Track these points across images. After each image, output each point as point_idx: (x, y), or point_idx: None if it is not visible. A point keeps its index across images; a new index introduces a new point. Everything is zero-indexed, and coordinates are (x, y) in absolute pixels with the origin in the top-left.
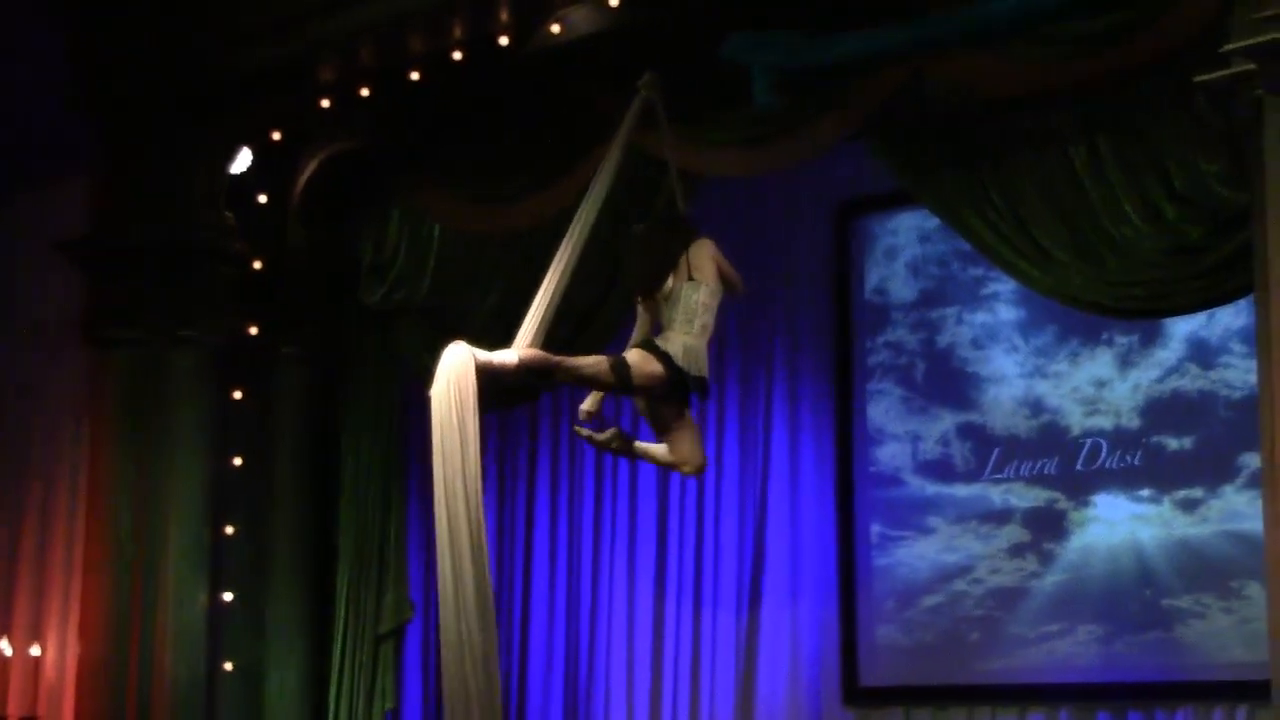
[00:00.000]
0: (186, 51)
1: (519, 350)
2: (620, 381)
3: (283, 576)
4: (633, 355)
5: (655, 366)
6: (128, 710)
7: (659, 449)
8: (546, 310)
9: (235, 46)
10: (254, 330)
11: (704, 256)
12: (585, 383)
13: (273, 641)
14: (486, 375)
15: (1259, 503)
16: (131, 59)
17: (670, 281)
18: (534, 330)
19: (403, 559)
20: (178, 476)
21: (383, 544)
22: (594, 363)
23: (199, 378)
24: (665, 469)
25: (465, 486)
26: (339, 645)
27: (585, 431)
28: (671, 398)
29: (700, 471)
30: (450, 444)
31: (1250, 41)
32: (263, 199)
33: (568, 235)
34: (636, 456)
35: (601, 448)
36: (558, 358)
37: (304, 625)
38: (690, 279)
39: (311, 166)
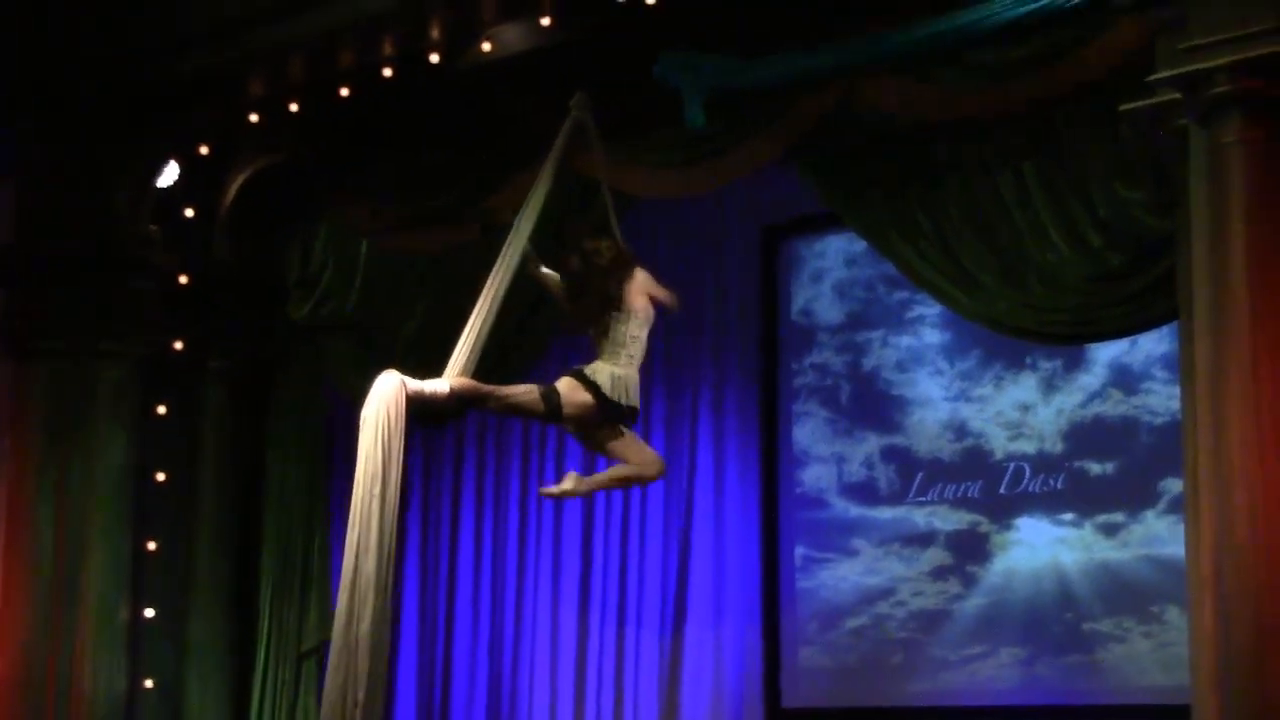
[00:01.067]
0: (114, 63)
1: (450, 379)
2: (551, 411)
3: (205, 593)
4: (563, 385)
5: (584, 396)
6: None
7: (618, 471)
8: (478, 337)
9: (164, 59)
10: (179, 344)
11: (635, 288)
12: (516, 411)
13: (194, 658)
14: (417, 404)
15: (1180, 528)
16: (59, 68)
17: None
18: (465, 357)
19: (326, 576)
20: (100, 491)
21: (306, 561)
22: (525, 391)
23: (122, 391)
24: (628, 488)
25: (383, 515)
26: (261, 662)
27: (551, 490)
28: (603, 425)
29: (664, 471)
30: (373, 469)
31: (1175, 71)
32: (189, 212)
33: (498, 260)
34: (600, 488)
35: (569, 496)
36: (490, 387)
37: (226, 642)
38: (619, 310)
39: (239, 180)
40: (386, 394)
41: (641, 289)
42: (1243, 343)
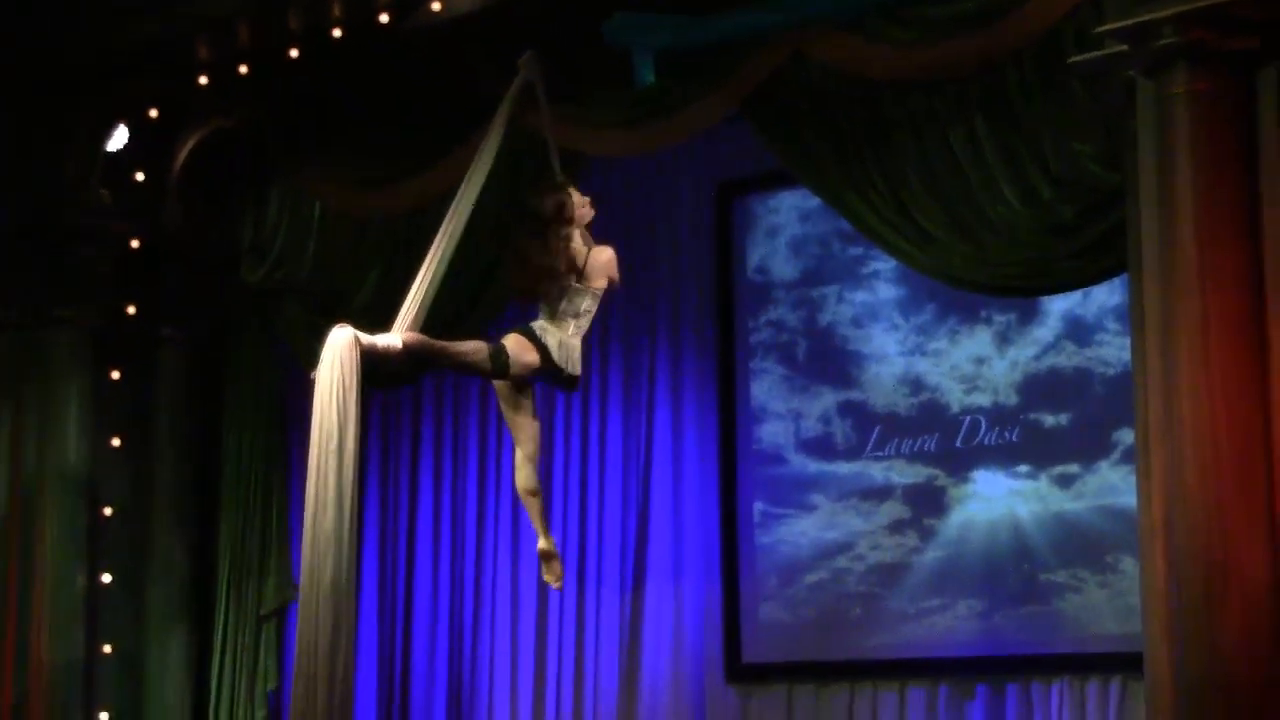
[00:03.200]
0: (62, 25)
1: (403, 334)
2: (498, 369)
3: (163, 558)
4: (511, 343)
5: (532, 356)
6: (3, 694)
7: (525, 468)
8: (426, 293)
9: (112, 21)
10: (132, 310)
11: (600, 267)
12: (467, 369)
13: (152, 623)
14: (371, 358)
15: (1133, 478)
16: (5, 31)
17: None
18: (414, 312)
19: (285, 539)
20: (55, 457)
21: (265, 524)
22: (474, 349)
23: (76, 358)
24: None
25: (340, 469)
26: (220, 626)
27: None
28: (527, 387)
29: (532, 459)
30: (329, 425)
31: (1122, 23)
32: (140, 177)
33: (447, 217)
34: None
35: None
36: (441, 343)
37: (185, 607)
38: (578, 283)
39: (190, 144)
40: (340, 348)
41: (604, 270)
42: (1191, 293)
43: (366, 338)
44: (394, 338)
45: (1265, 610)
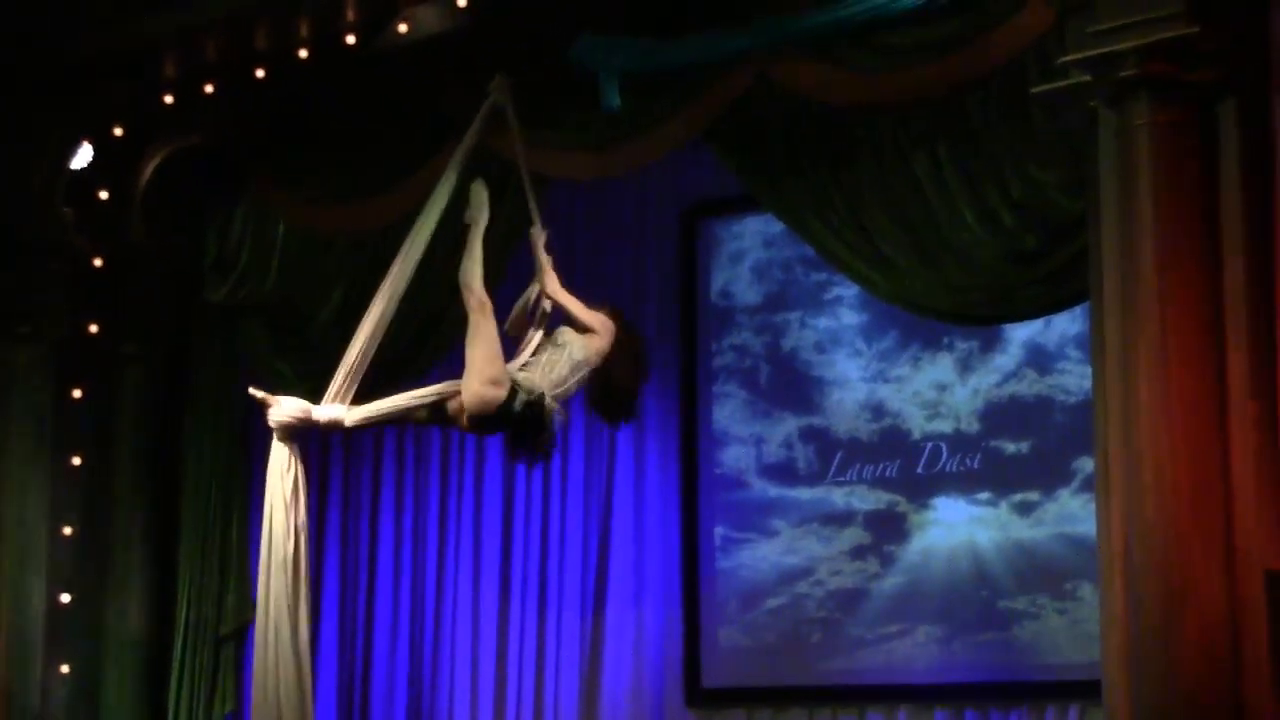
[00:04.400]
0: (25, 40)
1: (348, 413)
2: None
3: (121, 578)
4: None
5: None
6: None
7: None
8: (361, 360)
9: (76, 36)
10: (94, 328)
11: (601, 339)
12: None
13: (111, 644)
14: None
15: (1093, 506)
16: None
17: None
18: (347, 383)
19: (245, 559)
20: (14, 475)
21: (224, 544)
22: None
23: (37, 375)
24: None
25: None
26: (179, 647)
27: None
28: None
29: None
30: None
31: (1084, 54)
32: (104, 194)
33: (402, 249)
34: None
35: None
36: (388, 406)
37: (143, 627)
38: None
39: (155, 162)
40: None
41: (600, 352)
42: (1151, 322)
43: (317, 412)
44: (337, 413)
45: (1222, 638)
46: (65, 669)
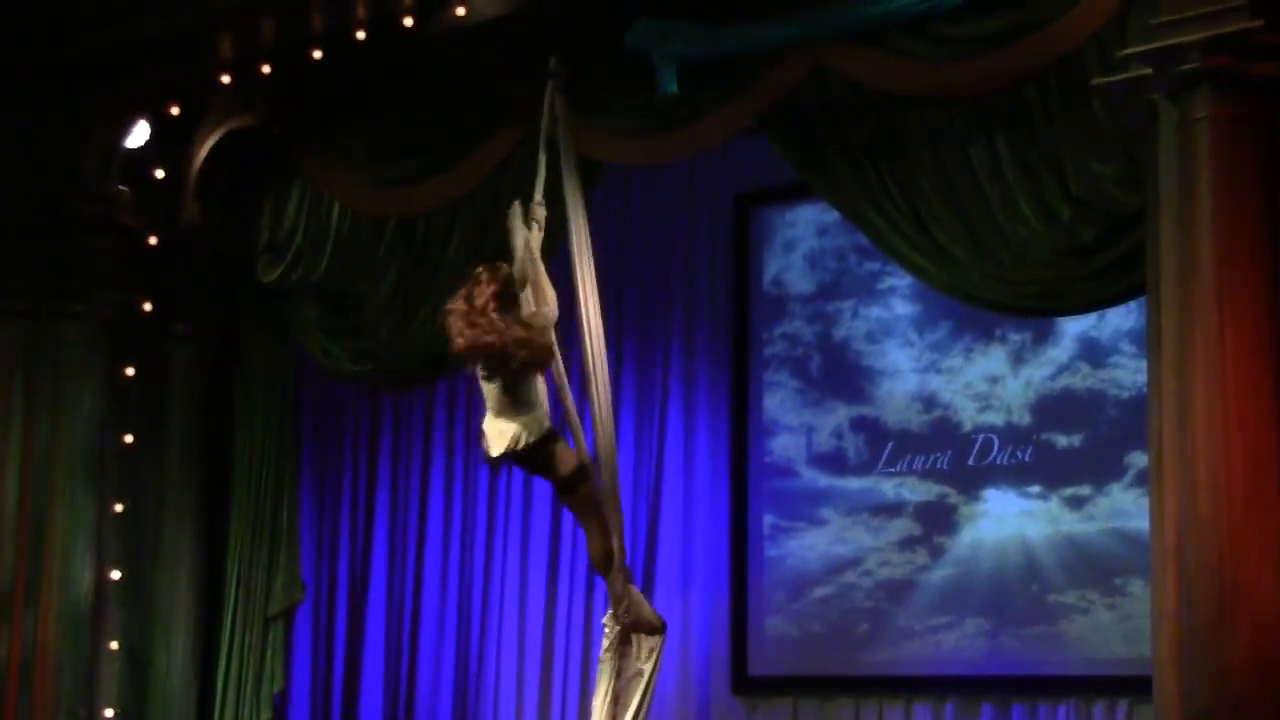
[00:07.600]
0: (84, 18)
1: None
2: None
3: (172, 556)
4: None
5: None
6: (9, 690)
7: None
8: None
9: (135, 15)
10: (147, 306)
11: (536, 318)
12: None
13: (160, 622)
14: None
15: (1144, 501)
16: (26, 21)
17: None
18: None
19: (294, 540)
20: (66, 453)
21: (274, 525)
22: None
23: (89, 352)
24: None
25: None
26: (228, 626)
27: None
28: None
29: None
30: None
31: (1146, 47)
32: (159, 173)
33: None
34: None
35: None
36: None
37: (193, 606)
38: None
39: (210, 142)
40: None
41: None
42: (1208, 317)
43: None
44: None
45: (1276, 635)
46: (115, 645)
